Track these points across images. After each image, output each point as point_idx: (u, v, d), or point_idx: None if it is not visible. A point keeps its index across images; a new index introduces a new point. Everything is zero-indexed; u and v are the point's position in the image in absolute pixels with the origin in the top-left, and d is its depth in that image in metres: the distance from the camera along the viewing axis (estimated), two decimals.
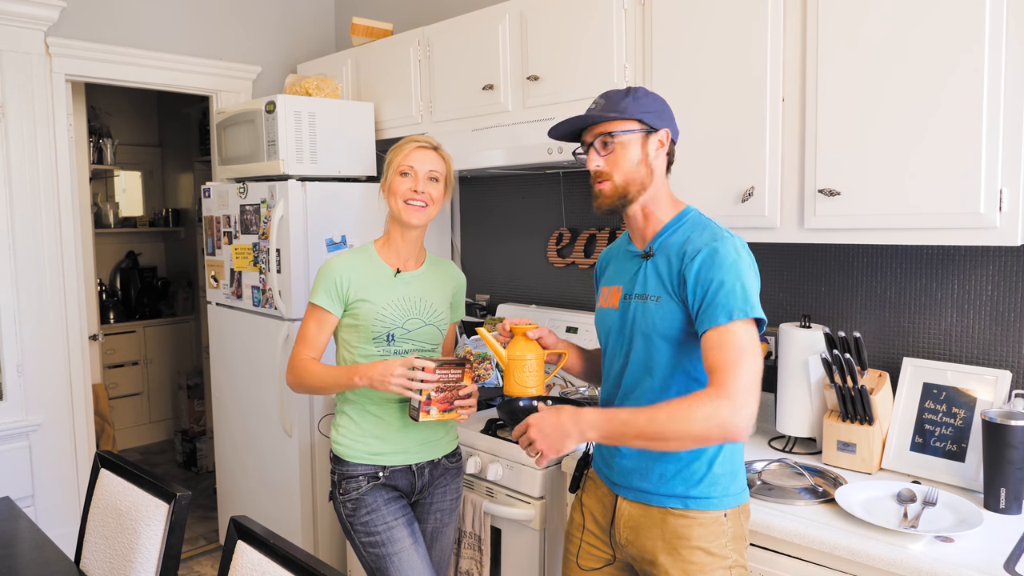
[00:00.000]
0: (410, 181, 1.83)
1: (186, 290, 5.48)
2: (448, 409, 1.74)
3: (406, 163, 1.83)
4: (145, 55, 3.23)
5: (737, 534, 1.47)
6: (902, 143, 1.66)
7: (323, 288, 1.82)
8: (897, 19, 1.65)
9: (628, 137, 1.45)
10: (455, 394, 1.74)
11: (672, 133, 1.50)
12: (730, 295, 1.35)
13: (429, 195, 1.83)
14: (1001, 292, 1.86)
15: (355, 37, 3.25)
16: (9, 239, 2.88)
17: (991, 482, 1.60)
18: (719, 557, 1.44)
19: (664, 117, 1.49)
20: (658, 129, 1.47)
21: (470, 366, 1.77)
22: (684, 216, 1.51)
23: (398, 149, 1.86)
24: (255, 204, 2.89)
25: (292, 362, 1.85)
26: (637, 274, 1.50)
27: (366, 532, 1.81)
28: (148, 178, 5.57)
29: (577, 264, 2.80)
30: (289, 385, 1.87)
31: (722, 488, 1.46)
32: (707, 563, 1.43)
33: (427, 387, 1.69)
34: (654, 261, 1.48)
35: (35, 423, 2.96)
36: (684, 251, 1.42)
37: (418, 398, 1.70)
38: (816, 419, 1.97)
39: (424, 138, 1.88)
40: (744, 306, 1.34)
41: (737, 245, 1.40)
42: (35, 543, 1.82)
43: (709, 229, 1.45)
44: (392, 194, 1.84)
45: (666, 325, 1.43)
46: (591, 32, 2.25)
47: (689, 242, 1.43)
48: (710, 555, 1.43)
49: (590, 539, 1.61)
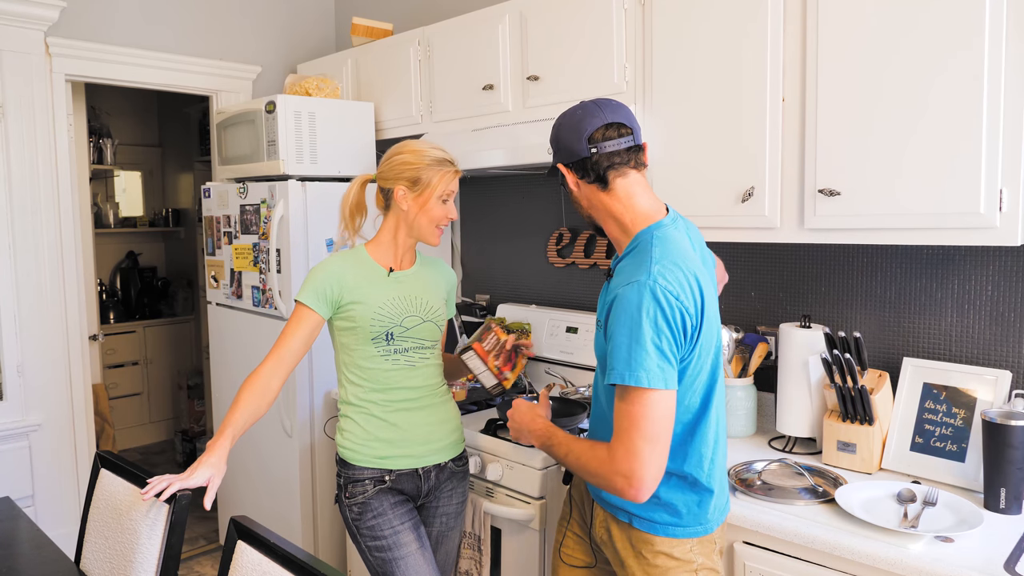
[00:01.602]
0: (449, 209, 1.83)
1: (186, 290, 5.48)
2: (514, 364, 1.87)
3: (448, 190, 1.82)
4: (145, 55, 3.23)
5: (704, 539, 1.46)
6: (902, 143, 1.66)
7: (311, 287, 1.80)
8: (897, 18, 1.65)
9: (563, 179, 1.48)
10: (506, 350, 1.87)
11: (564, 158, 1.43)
12: (615, 355, 1.28)
13: (454, 219, 1.89)
14: (1001, 292, 1.86)
15: (355, 37, 3.25)
16: (9, 239, 2.88)
17: (991, 482, 1.60)
18: (684, 561, 1.43)
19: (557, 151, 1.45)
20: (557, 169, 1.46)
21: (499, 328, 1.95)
22: (636, 240, 1.40)
23: (438, 171, 1.80)
24: (255, 204, 2.89)
25: (255, 371, 1.76)
26: (602, 294, 1.49)
27: (372, 536, 1.80)
28: (148, 178, 5.57)
29: (577, 264, 2.80)
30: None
31: (667, 517, 1.43)
32: (671, 567, 1.42)
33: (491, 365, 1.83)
34: (607, 285, 1.46)
35: (35, 423, 2.96)
36: (612, 288, 1.37)
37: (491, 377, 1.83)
38: (816, 419, 1.97)
39: (451, 156, 1.85)
40: (624, 371, 1.26)
41: (643, 292, 1.27)
42: (35, 543, 1.82)
43: (637, 264, 1.33)
44: (427, 215, 1.82)
45: (601, 355, 1.42)
46: (591, 32, 2.25)
47: (618, 276, 1.37)
48: (674, 559, 1.43)
49: (576, 531, 1.64)
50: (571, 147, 1.41)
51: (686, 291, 1.31)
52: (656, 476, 1.27)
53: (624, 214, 1.42)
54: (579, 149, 1.40)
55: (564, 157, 1.42)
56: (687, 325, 1.31)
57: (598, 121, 1.40)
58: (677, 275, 1.31)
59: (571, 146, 1.41)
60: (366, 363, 1.82)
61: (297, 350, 1.78)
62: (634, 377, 1.25)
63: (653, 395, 1.26)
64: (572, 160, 1.42)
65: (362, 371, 1.83)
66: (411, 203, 1.81)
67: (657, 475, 1.28)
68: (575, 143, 1.41)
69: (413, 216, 1.82)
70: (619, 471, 1.27)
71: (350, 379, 1.85)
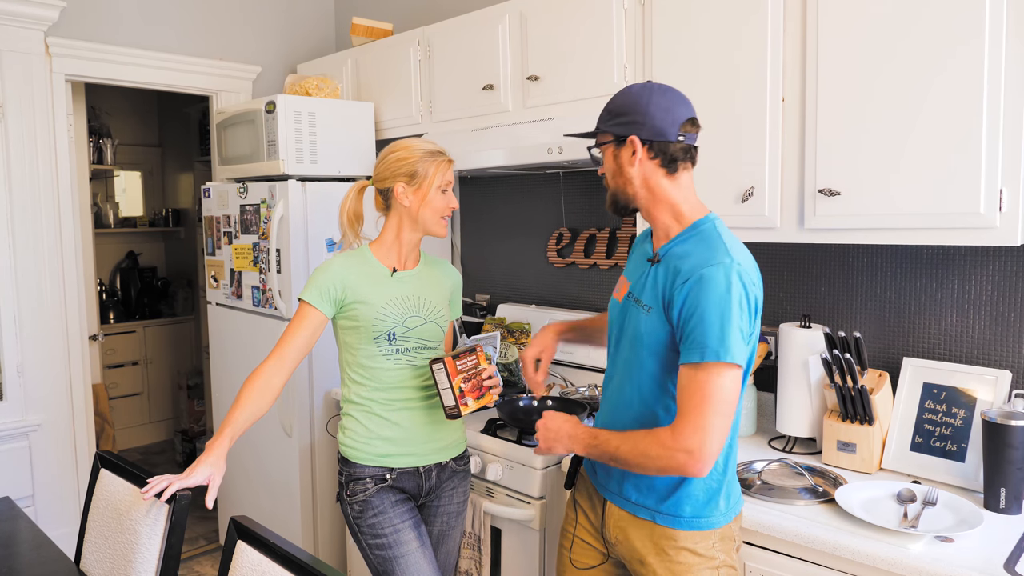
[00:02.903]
0: (449, 199, 1.85)
1: (186, 290, 5.48)
2: (481, 395, 1.77)
3: (446, 180, 1.84)
4: (145, 55, 3.23)
5: (725, 535, 1.47)
6: (902, 142, 1.66)
7: (314, 286, 1.81)
8: (897, 18, 1.65)
9: (604, 149, 1.50)
10: (480, 379, 1.77)
11: (649, 134, 1.41)
12: (707, 332, 1.31)
13: (456, 207, 1.89)
14: (1001, 292, 1.86)
15: (355, 37, 3.25)
16: (9, 239, 2.88)
17: (991, 482, 1.60)
18: (706, 557, 1.44)
19: (633, 122, 1.42)
20: (625, 138, 1.43)
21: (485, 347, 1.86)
22: (697, 227, 1.44)
23: (432, 162, 1.82)
24: (255, 204, 2.89)
25: (256, 369, 1.77)
26: (643, 277, 1.50)
27: (373, 534, 1.81)
28: (148, 178, 5.57)
29: (577, 264, 2.80)
30: None
31: (695, 511, 1.44)
32: (694, 563, 1.44)
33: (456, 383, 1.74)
34: (657, 269, 1.45)
35: (35, 423, 2.96)
36: (679, 269, 1.38)
37: (451, 397, 1.73)
38: (816, 419, 1.97)
39: (442, 147, 1.87)
40: (718, 348, 1.29)
41: (731, 274, 1.32)
42: (35, 543, 1.82)
43: (711, 248, 1.37)
44: (429, 208, 1.83)
45: (652, 339, 1.42)
46: (591, 32, 2.25)
47: (686, 259, 1.38)
48: (697, 555, 1.44)
49: (583, 536, 1.62)
50: (659, 126, 1.42)
51: (757, 279, 1.39)
52: (717, 452, 1.31)
53: (682, 203, 1.46)
54: (669, 132, 1.42)
55: (646, 133, 1.41)
56: (757, 311, 1.38)
57: (687, 112, 1.44)
58: (749, 263, 1.39)
59: (660, 125, 1.42)
60: (369, 362, 1.83)
61: (300, 349, 1.79)
62: (727, 353, 1.29)
63: (733, 372, 1.31)
64: (655, 138, 1.42)
65: (365, 370, 1.83)
66: (412, 197, 1.83)
67: (718, 451, 1.31)
68: (666, 124, 1.42)
69: (416, 210, 1.83)
70: (683, 447, 1.30)
71: (353, 378, 1.86)
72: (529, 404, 2.39)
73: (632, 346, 1.47)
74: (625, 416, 1.50)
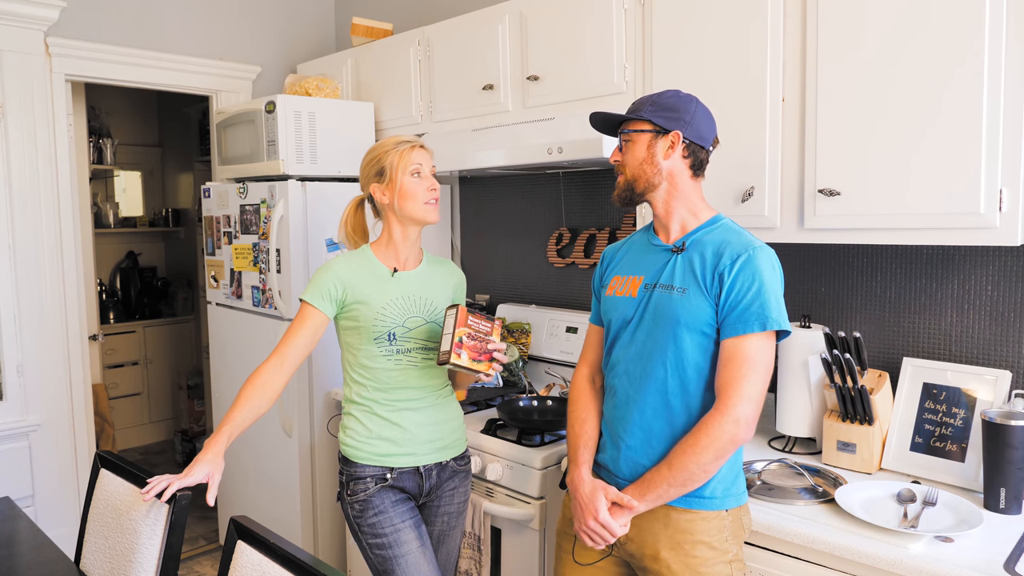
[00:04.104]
0: (425, 180, 1.84)
1: (186, 290, 5.48)
2: (478, 359, 1.74)
3: (415, 163, 1.83)
4: (145, 55, 3.23)
5: (737, 529, 1.51)
6: (902, 143, 1.66)
7: (315, 286, 1.82)
8: (897, 18, 1.65)
9: (638, 136, 1.54)
10: (484, 346, 1.75)
11: (692, 136, 1.52)
12: (766, 304, 1.43)
13: (438, 190, 1.87)
14: (1001, 292, 1.86)
15: (355, 37, 3.25)
16: (9, 239, 2.88)
17: (991, 482, 1.60)
18: (721, 551, 1.48)
19: (681, 120, 1.52)
20: (668, 131, 1.51)
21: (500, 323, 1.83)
22: (718, 220, 1.57)
23: (394, 153, 1.83)
24: (255, 204, 2.89)
25: (257, 369, 1.77)
26: (665, 266, 1.54)
27: (373, 534, 1.81)
28: (148, 178, 5.57)
29: (577, 264, 2.80)
30: None
31: (724, 489, 1.50)
32: (710, 557, 1.47)
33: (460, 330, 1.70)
34: (686, 256, 1.52)
35: (35, 423, 2.96)
36: (722, 251, 1.48)
37: (448, 343, 1.70)
38: (816, 419, 1.97)
39: (412, 137, 1.89)
40: (779, 317, 1.43)
41: (771, 255, 1.48)
42: (35, 543, 1.82)
43: (745, 235, 1.51)
44: (407, 197, 1.82)
45: (690, 317, 1.48)
46: (591, 32, 2.25)
47: (727, 244, 1.49)
48: (712, 549, 1.47)
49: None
50: (702, 133, 1.55)
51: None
52: (757, 415, 1.42)
53: (698, 202, 1.59)
54: (708, 140, 1.56)
55: (690, 133, 1.53)
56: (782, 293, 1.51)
57: (716, 131, 1.58)
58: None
59: (702, 132, 1.55)
60: (370, 362, 1.83)
61: (301, 349, 1.80)
62: (786, 321, 1.44)
63: (774, 341, 1.46)
64: (695, 141, 1.54)
65: (366, 370, 1.84)
66: (387, 193, 1.84)
67: (757, 414, 1.43)
68: (708, 132, 1.56)
69: (395, 204, 1.84)
70: (731, 418, 1.40)
71: (354, 378, 1.86)
72: (529, 404, 2.39)
73: (664, 328, 1.51)
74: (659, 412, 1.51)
